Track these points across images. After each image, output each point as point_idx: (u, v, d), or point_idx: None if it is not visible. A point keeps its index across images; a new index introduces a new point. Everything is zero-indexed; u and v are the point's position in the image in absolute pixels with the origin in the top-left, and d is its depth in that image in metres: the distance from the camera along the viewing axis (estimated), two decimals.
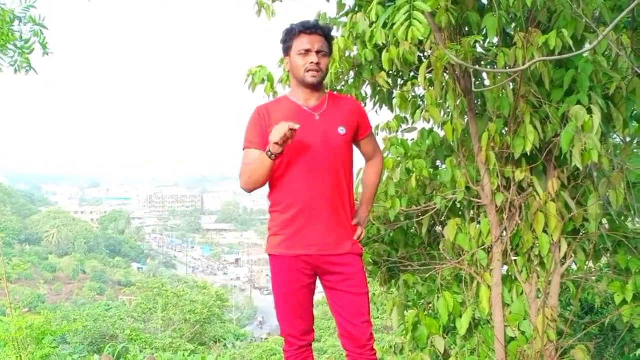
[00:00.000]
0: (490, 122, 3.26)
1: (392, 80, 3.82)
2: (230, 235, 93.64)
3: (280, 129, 2.21)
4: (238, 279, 69.94)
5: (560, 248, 3.20)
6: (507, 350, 3.30)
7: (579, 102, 2.95)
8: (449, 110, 3.46)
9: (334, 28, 3.70)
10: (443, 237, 3.58)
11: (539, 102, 3.15)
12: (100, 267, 58.66)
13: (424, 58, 3.57)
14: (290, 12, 3.65)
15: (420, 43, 3.29)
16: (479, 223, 3.44)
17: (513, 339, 3.32)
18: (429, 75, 3.37)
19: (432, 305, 3.70)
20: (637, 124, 3.51)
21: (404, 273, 3.76)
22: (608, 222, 3.45)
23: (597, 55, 3.03)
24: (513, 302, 3.36)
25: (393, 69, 3.44)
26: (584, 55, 3.05)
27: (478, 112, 3.47)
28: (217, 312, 19.41)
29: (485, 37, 3.32)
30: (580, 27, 3.02)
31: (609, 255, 3.47)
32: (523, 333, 3.30)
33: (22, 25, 3.69)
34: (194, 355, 7.01)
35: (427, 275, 3.63)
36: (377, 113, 3.96)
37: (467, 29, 3.33)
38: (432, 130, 3.70)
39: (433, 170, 3.70)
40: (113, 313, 20.44)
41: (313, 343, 2.56)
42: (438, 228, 3.87)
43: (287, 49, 2.47)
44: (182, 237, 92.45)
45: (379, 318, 9.91)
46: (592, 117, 2.80)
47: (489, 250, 3.38)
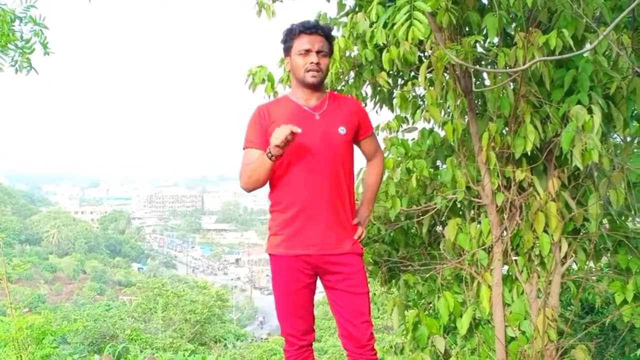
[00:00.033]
0: (491, 121, 3.26)
1: (392, 80, 3.82)
2: (231, 235, 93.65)
3: (282, 132, 2.20)
4: (238, 279, 69.95)
5: (561, 248, 3.20)
6: (507, 350, 3.30)
7: (580, 101, 2.96)
8: (450, 110, 3.47)
9: (334, 28, 3.70)
10: (443, 236, 3.58)
11: (540, 101, 3.15)
12: (101, 267, 58.69)
13: (425, 58, 3.57)
14: (291, 12, 3.66)
15: (421, 43, 3.29)
16: (480, 223, 3.44)
17: (513, 339, 3.32)
18: (430, 75, 3.37)
19: (432, 305, 3.70)
20: (637, 124, 3.51)
21: (405, 273, 3.76)
22: (608, 221, 3.45)
23: (597, 55, 3.03)
24: (513, 301, 3.36)
25: (393, 69, 3.44)
26: (585, 55, 3.05)
27: (478, 111, 3.47)
28: (217, 312, 19.43)
29: (486, 37, 3.32)
30: (581, 27, 3.02)
31: (610, 255, 3.47)
32: (523, 333, 3.30)
33: (22, 25, 3.69)
34: (194, 355, 7.02)
35: (427, 275, 3.63)
36: (377, 113, 3.97)
37: (467, 29, 3.33)
38: (432, 130, 3.70)
39: (433, 170, 3.70)
40: (113, 313, 20.44)
41: (313, 343, 2.56)
42: (438, 228, 3.87)
43: (287, 49, 2.47)
44: (182, 237, 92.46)
45: (380, 318, 9.91)
46: (592, 116, 2.80)
47: (490, 250, 3.38)
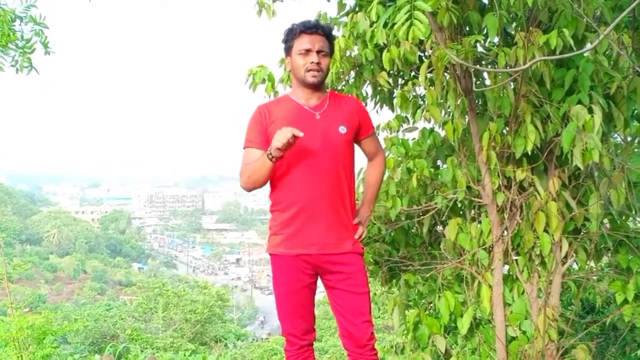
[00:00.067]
0: (491, 121, 3.26)
1: (392, 80, 3.82)
2: (231, 235, 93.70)
3: (284, 135, 2.20)
4: (239, 279, 70.00)
5: (561, 247, 3.20)
6: (508, 350, 3.30)
7: (580, 101, 2.95)
8: (450, 110, 3.47)
9: (335, 28, 3.70)
10: (444, 236, 3.58)
11: (540, 101, 3.15)
12: (101, 267, 58.77)
13: (425, 58, 3.57)
14: (291, 12, 3.66)
15: (421, 43, 3.29)
16: (480, 222, 3.44)
17: (514, 339, 3.32)
18: (430, 75, 3.36)
19: (433, 305, 3.70)
20: (638, 124, 3.50)
21: (405, 273, 3.76)
22: (609, 221, 3.45)
23: (598, 55, 3.03)
24: (514, 301, 3.36)
25: (394, 69, 3.44)
26: (585, 55, 3.05)
27: (479, 111, 3.47)
28: (218, 311, 19.43)
29: (486, 36, 3.32)
30: (581, 26, 3.02)
31: (610, 255, 3.47)
32: (524, 332, 3.30)
33: (23, 25, 3.68)
34: (195, 355, 7.03)
35: (428, 275, 3.63)
36: (377, 113, 3.97)
37: (467, 29, 3.33)
38: (432, 130, 3.70)
39: (434, 170, 3.70)
40: (114, 313, 20.44)
41: (314, 343, 2.56)
42: (439, 227, 3.87)
43: (288, 49, 2.47)
44: (182, 237, 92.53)
45: (380, 318, 9.92)
46: (593, 116, 2.80)
47: (490, 250, 3.38)
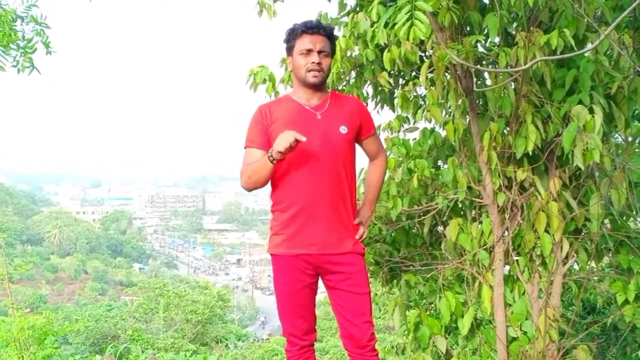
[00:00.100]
0: (492, 121, 3.26)
1: (393, 80, 3.82)
2: (232, 236, 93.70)
3: (286, 139, 2.20)
4: (240, 279, 69.98)
5: (562, 248, 3.20)
6: (509, 350, 3.30)
7: (581, 101, 2.95)
8: (451, 110, 3.47)
9: (335, 28, 3.70)
10: (445, 237, 3.58)
11: (541, 101, 3.15)
12: (102, 267, 58.79)
13: (426, 58, 3.57)
14: (292, 12, 3.66)
15: (422, 43, 3.29)
16: (481, 223, 3.44)
17: (515, 339, 3.32)
18: (431, 75, 3.36)
19: (433, 305, 3.70)
20: (638, 124, 3.50)
21: (406, 273, 3.76)
22: (610, 221, 3.45)
23: (598, 55, 3.03)
24: (515, 302, 3.36)
25: (394, 69, 3.44)
26: (586, 55, 3.05)
27: (479, 111, 3.47)
28: (218, 312, 19.46)
29: (487, 36, 3.33)
30: (582, 26, 3.02)
31: (611, 255, 3.47)
32: (525, 333, 3.30)
33: (24, 25, 3.68)
34: (196, 356, 7.03)
35: (428, 275, 3.63)
36: (378, 113, 3.97)
37: (468, 29, 3.33)
38: (433, 130, 3.70)
39: (435, 170, 3.70)
40: (115, 313, 20.46)
41: (315, 343, 2.56)
42: (440, 228, 3.87)
43: (289, 49, 2.47)
44: (183, 237, 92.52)
45: (381, 318, 9.91)
46: (593, 116, 2.80)
47: (491, 250, 3.38)
